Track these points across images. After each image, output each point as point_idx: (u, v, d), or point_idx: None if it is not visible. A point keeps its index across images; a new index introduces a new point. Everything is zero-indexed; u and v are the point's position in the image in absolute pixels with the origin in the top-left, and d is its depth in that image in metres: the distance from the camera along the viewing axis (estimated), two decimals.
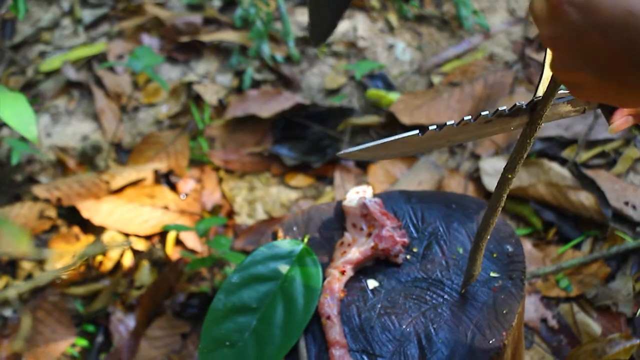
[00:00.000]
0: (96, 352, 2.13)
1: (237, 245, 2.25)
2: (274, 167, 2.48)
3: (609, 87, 0.93)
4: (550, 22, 0.94)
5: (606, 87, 0.93)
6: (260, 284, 1.39)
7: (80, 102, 2.82)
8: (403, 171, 2.34)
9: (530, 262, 2.06)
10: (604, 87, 0.93)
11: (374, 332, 1.31)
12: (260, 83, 2.72)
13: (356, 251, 1.38)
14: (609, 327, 1.93)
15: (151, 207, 2.38)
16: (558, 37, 0.94)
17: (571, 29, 0.91)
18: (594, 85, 0.94)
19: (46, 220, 2.40)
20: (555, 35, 0.94)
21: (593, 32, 0.89)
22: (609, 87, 0.93)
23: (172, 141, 2.57)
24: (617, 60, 0.88)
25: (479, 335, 1.27)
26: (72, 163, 2.59)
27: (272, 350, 1.31)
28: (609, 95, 0.95)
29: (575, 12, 0.90)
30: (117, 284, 2.24)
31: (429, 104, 2.47)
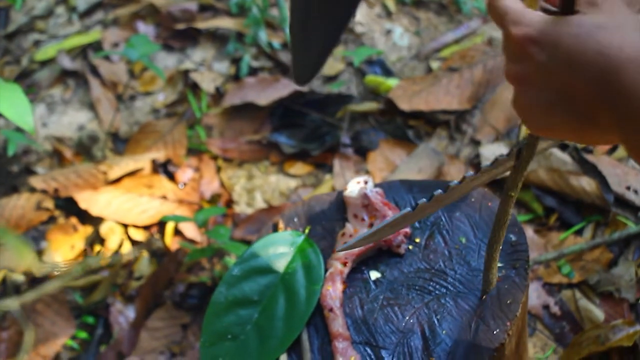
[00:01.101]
0: (96, 343, 2.12)
1: (236, 235, 2.23)
2: (272, 155, 2.46)
3: (578, 126, 0.90)
4: (515, 61, 0.92)
5: (576, 127, 0.90)
6: (261, 277, 1.38)
7: (76, 91, 2.80)
8: (403, 158, 2.33)
9: (532, 248, 2.04)
10: (574, 127, 0.90)
11: (377, 323, 1.30)
12: (258, 70, 2.70)
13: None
14: (611, 313, 1.92)
15: (149, 197, 2.37)
16: (524, 76, 0.91)
17: (537, 68, 0.89)
18: (562, 125, 0.91)
19: (43, 211, 2.38)
20: (521, 73, 0.92)
21: (560, 72, 0.87)
22: (578, 126, 0.90)
23: (169, 130, 2.56)
24: (588, 100, 0.85)
25: (482, 325, 1.26)
26: (69, 153, 2.57)
27: (274, 343, 1.30)
28: (580, 135, 0.91)
29: (541, 52, 0.88)
30: (116, 275, 2.23)
31: (428, 90, 2.45)
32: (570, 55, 0.85)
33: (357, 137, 2.43)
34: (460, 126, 2.40)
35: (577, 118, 0.88)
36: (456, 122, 2.41)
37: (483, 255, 1.35)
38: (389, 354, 1.25)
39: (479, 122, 2.38)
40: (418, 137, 2.40)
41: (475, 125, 2.38)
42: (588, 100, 0.85)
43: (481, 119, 2.38)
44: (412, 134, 2.41)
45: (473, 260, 1.35)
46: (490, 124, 2.35)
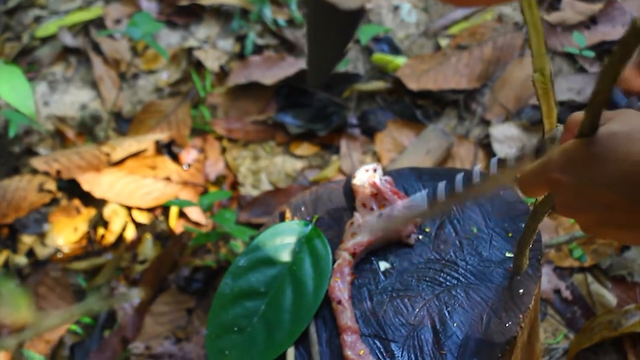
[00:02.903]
0: (100, 328, 2.10)
1: (242, 218, 2.21)
2: (278, 135, 2.43)
3: (631, 235, 0.92)
4: (557, 194, 0.95)
5: (629, 236, 0.92)
6: (268, 267, 1.35)
7: (78, 68, 2.76)
8: (411, 139, 2.29)
9: (543, 231, 2.01)
10: (629, 237, 0.93)
11: (386, 316, 1.27)
12: (263, 48, 2.65)
13: (367, 232, 1.33)
14: (624, 297, 1.90)
15: (153, 179, 2.34)
16: (567, 205, 0.94)
17: (575, 194, 0.91)
18: (618, 236, 0.94)
19: (46, 193, 2.35)
20: (564, 203, 0.94)
21: (594, 192, 0.89)
22: (631, 235, 0.92)
23: (173, 110, 2.52)
24: (627, 209, 0.87)
25: (494, 318, 1.23)
26: (71, 133, 2.54)
27: (282, 335, 1.28)
28: (637, 240, 0.94)
29: (570, 179, 0.90)
30: (120, 258, 2.21)
31: (437, 69, 2.41)
32: (595, 172, 0.88)
33: (364, 117, 2.39)
34: (470, 106, 2.36)
35: (627, 227, 0.90)
36: (465, 102, 2.37)
37: (495, 246, 1.32)
38: (399, 347, 1.23)
39: (489, 101, 2.34)
40: (426, 117, 2.37)
41: (485, 105, 2.34)
42: (627, 210, 0.87)
43: (491, 98, 2.35)
44: (421, 114, 2.37)
45: (485, 251, 1.32)
46: (501, 103, 2.31)
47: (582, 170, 0.89)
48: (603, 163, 0.87)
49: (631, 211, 0.87)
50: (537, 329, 1.44)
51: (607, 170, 0.87)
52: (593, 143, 0.88)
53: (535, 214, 1.15)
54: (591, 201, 0.90)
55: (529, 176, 0.98)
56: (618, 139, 0.87)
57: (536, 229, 1.18)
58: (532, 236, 1.20)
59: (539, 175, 0.95)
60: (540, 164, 0.95)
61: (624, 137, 0.87)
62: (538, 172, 0.96)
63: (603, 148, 0.87)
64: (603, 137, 0.88)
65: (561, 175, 0.91)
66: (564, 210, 0.95)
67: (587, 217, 0.93)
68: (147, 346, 2.00)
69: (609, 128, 0.89)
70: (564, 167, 0.91)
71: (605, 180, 0.87)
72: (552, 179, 0.92)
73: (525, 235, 1.20)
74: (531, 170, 0.97)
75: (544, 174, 0.94)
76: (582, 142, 0.90)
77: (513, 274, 1.28)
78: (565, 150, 0.92)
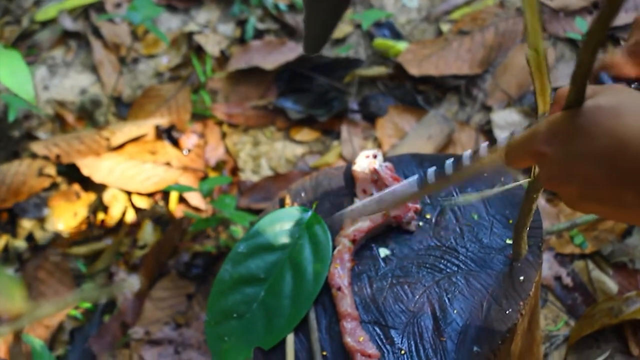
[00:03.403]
0: (100, 313, 2.10)
1: (242, 203, 2.20)
2: (278, 120, 2.42)
3: (614, 211, 0.92)
4: (541, 167, 0.95)
5: (612, 212, 0.92)
6: (268, 254, 1.34)
7: (78, 53, 2.75)
8: (412, 125, 2.28)
9: (544, 218, 2.00)
10: (611, 212, 0.93)
11: (386, 303, 1.26)
12: (264, 33, 2.64)
13: (367, 218, 1.33)
14: (625, 284, 1.89)
15: (153, 164, 2.33)
16: (552, 178, 0.94)
17: (560, 166, 0.91)
18: (601, 211, 0.94)
19: (45, 177, 2.35)
20: (548, 176, 0.94)
21: (577, 164, 0.88)
22: (614, 211, 0.92)
23: (173, 94, 2.51)
24: (610, 184, 0.87)
25: (495, 305, 1.22)
26: (71, 118, 2.53)
27: (281, 322, 1.27)
28: (620, 216, 0.94)
29: (555, 151, 0.90)
30: (119, 243, 2.20)
31: (438, 54, 2.40)
32: (580, 146, 0.87)
33: (365, 102, 2.38)
34: (471, 91, 2.35)
35: (609, 204, 0.90)
36: (467, 87, 2.36)
37: (495, 232, 1.31)
38: (399, 334, 1.22)
39: (491, 87, 2.33)
40: (428, 103, 2.36)
41: (486, 91, 2.33)
42: (610, 185, 0.87)
43: (492, 84, 2.33)
44: (422, 100, 2.36)
45: (485, 238, 1.31)
46: (502, 89, 2.30)
47: (567, 142, 0.88)
48: (588, 136, 0.86)
49: (614, 186, 0.86)
50: (537, 316, 1.43)
51: (592, 144, 0.86)
52: (578, 115, 0.88)
53: (528, 195, 1.15)
54: (575, 174, 0.89)
55: (515, 147, 0.97)
56: (604, 113, 0.86)
57: (531, 210, 1.17)
58: (527, 218, 1.19)
59: (525, 146, 0.95)
60: (526, 136, 0.95)
61: (610, 111, 0.86)
62: (524, 143, 0.95)
63: (588, 121, 0.86)
64: (589, 110, 0.87)
65: (546, 147, 0.90)
66: (548, 183, 0.94)
67: (570, 190, 0.92)
68: (146, 331, 2.00)
69: (596, 101, 0.88)
70: (549, 139, 0.90)
71: (590, 154, 0.86)
72: (538, 150, 0.92)
73: (520, 217, 1.19)
74: (517, 141, 0.97)
75: (530, 145, 0.93)
76: (568, 114, 0.89)
77: (513, 259, 1.27)
78: (550, 122, 0.91)
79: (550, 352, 1.83)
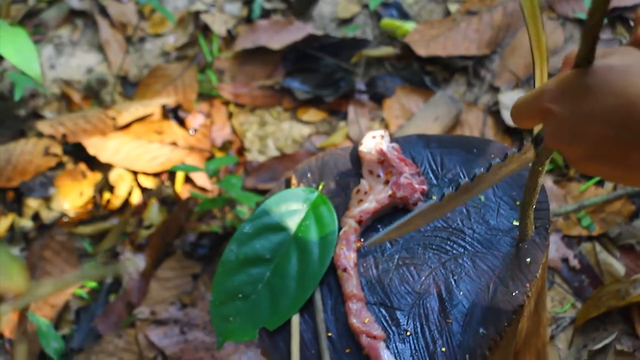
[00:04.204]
0: (105, 293, 2.10)
1: (248, 184, 2.19)
2: (285, 101, 2.41)
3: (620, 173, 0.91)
4: (548, 125, 0.94)
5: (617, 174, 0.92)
6: (273, 234, 1.33)
7: (85, 32, 2.74)
8: (419, 106, 2.27)
9: (552, 199, 2.00)
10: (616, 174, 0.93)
11: (392, 284, 1.26)
12: (270, 12, 2.63)
13: (373, 199, 1.32)
14: (632, 266, 1.89)
15: (159, 144, 2.33)
16: (558, 136, 0.93)
17: (567, 124, 0.90)
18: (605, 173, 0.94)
19: (52, 157, 2.34)
20: (555, 134, 0.93)
21: (584, 122, 0.88)
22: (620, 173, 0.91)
23: (179, 74, 2.50)
24: (617, 144, 0.87)
25: (501, 287, 1.22)
26: (77, 97, 2.53)
27: (287, 302, 1.27)
28: (625, 179, 0.93)
29: (563, 109, 0.89)
30: (125, 223, 2.20)
31: (446, 35, 2.38)
32: (588, 105, 0.86)
33: (372, 83, 2.37)
34: (479, 72, 2.34)
35: (613, 164, 0.90)
36: (474, 68, 2.35)
37: (502, 214, 1.31)
38: (404, 315, 1.22)
39: (498, 68, 2.32)
40: (435, 84, 2.34)
41: (494, 71, 2.32)
42: (616, 145, 0.87)
43: (500, 64, 2.32)
44: (429, 80, 2.35)
45: (492, 219, 1.31)
46: (510, 69, 2.29)
47: (575, 101, 0.88)
48: (597, 95, 0.86)
49: (619, 147, 0.86)
50: (544, 298, 1.43)
51: (600, 104, 0.85)
52: (588, 74, 0.87)
53: (533, 169, 1.13)
54: (581, 134, 0.88)
55: (523, 105, 0.97)
56: (614, 73, 0.86)
57: (536, 186, 1.16)
58: (533, 196, 1.18)
59: (533, 104, 0.94)
60: (535, 93, 0.94)
61: (620, 72, 0.85)
62: (532, 101, 0.94)
63: (598, 80, 0.86)
64: (599, 69, 0.87)
65: (554, 105, 0.90)
66: (553, 142, 0.94)
67: (575, 150, 0.91)
68: (152, 311, 2.00)
69: (607, 61, 0.87)
70: (558, 97, 0.90)
71: (597, 114, 0.86)
72: (545, 108, 0.91)
73: (526, 195, 1.18)
74: (525, 99, 0.96)
75: (538, 103, 0.93)
76: (578, 73, 0.88)
77: (519, 240, 1.26)
78: (560, 80, 0.90)
79: (556, 334, 1.82)
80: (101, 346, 1.98)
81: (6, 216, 2.29)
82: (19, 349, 1.93)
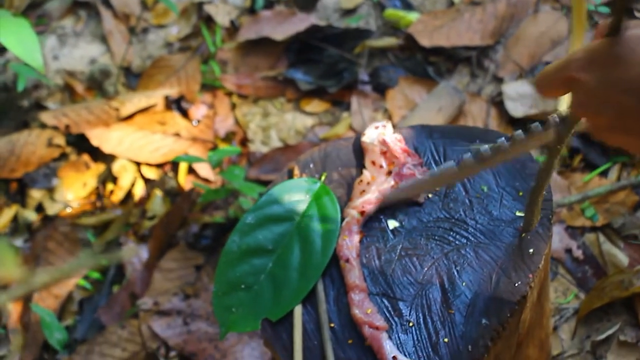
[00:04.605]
0: (109, 284, 2.10)
1: (251, 174, 2.19)
2: (288, 91, 2.41)
3: (632, 138, 0.92)
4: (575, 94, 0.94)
5: (628, 138, 0.93)
6: (276, 225, 1.33)
7: (88, 22, 2.73)
8: (422, 96, 2.27)
9: (555, 190, 1.99)
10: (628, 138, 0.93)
11: (394, 275, 1.26)
12: (274, 3, 2.62)
13: (376, 190, 1.32)
14: (636, 257, 1.88)
15: (162, 135, 2.32)
16: (583, 105, 0.93)
17: (592, 94, 0.90)
18: (628, 144, 0.94)
19: (55, 148, 2.34)
20: (581, 103, 0.93)
21: (611, 92, 0.88)
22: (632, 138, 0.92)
23: (183, 65, 2.50)
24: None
25: (504, 277, 1.22)
26: (81, 88, 2.52)
27: (289, 293, 1.27)
28: (631, 144, 0.94)
29: (590, 78, 0.89)
30: (129, 214, 2.20)
31: (450, 25, 2.37)
32: (615, 74, 0.87)
33: (375, 73, 2.36)
34: (483, 63, 2.33)
35: (637, 135, 0.90)
36: (478, 59, 2.34)
37: (505, 205, 1.30)
38: (407, 306, 1.22)
39: (502, 58, 2.31)
40: (439, 74, 2.34)
41: (498, 62, 2.31)
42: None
43: (504, 55, 2.31)
44: (433, 71, 2.34)
45: (495, 210, 1.30)
46: (514, 60, 2.28)
47: (603, 70, 0.88)
48: (624, 65, 0.86)
49: None
50: (547, 289, 1.43)
51: (628, 73, 0.86)
52: (617, 44, 0.87)
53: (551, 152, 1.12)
54: (607, 103, 0.89)
55: (550, 74, 0.97)
56: None
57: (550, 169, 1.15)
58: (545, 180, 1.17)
59: (560, 72, 0.94)
60: (562, 62, 0.94)
61: None
62: (560, 69, 0.94)
63: (627, 49, 0.86)
64: (629, 39, 0.87)
65: (582, 74, 0.90)
66: (579, 110, 0.94)
67: (600, 119, 0.92)
68: (155, 302, 2.01)
69: (636, 32, 0.88)
70: (585, 66, 0.90)
71: (624, 83, 0.86)
72: (572, 77, 0.91)
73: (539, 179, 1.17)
74: (553, 67, 0.96)
75: (565, 71, 0.93)
76: (607, 42, 0.89)
77: (523, 229, 1.26)
78: (588, 49, 0.91)
79: (560, 324, 1.82)
80: (104, 337, 1.98)
81: (9, 207, 2.29)
82: (14, 340, 1.94)
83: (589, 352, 1.76)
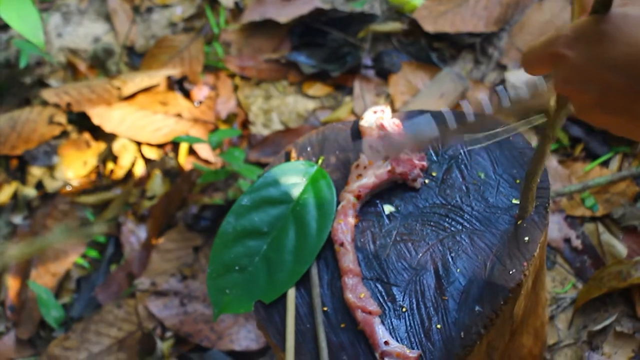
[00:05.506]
0: (107, 262, 2.11)
1: (251, 157, 2.19)
2: (291, 74, 2.40)
3: (625, 124, 0.92)
4: (558, 70, 0.93)
5: (622, 125, 0.92)
6: (271, 207, 1.33)
7: (92, 1, 2.73)
8: (425, 82, 2.26)
9: (555, 179, 1.99)
10: (621, 125, 0.93)
11: (389, 260, 1.26)
12: None
13: (372, 174, 1.31)
14: (635, 248, 1.88)
15: (164, 115, 2.32)
16: (567, 82, 0.93)
17: (577, 71, 0.90)
18: (611, 124, 0.94)
19: (56, 125, 2.34)
20: (564, 80, 0.93)
21: (597, 70, 0.88)
22: (625, 124, 0.92)
23: (186, 45, 2.49)
24: (627, 94, 0.87)
25: (498, 265, 1.22)
26: (83, 66, 2.52)
27: (283, 276, 1.27)
28: (630, 131, 0.94)
29: (576, 55, 0.89)
30: (128, 194, 2.20)
31: (455, 11, 2.36)
32: (602, 51, 0.87)
33: (378, 58, 2.35)
34: (487, 49, 2.32)
35: (621, 114, 0.89)
36: (482, 45, 2.33)
37: (502, 192, 1.30)
38: (401, 291, 1.22)
39: (506, 45, 2.30)
40: (442, 60, 2.33)
41: (502, 49, 2.30)
42: (626, 95, 0.86)
43: (508, 42, 2.30)
44: (436, 57, 2.33)
45: (491, 197, 1.30)
46: (518, 47, 2.27)
47: (590, 47, 0.88)
48: (611, 43, 0.86)
49: (627, 96, 0.87)
50: (542, 277, 1.42)
51: (614, 51, 0.86)
52: (604, 21, 0.87)
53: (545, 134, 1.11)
54: (592, 80, 0.89)
55: (536, 50, 0.96)
56: (630, 21, 0.86)
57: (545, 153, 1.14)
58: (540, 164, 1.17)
59: (546, 48, 0.94)
60: (549, 38, 0.94)
61: (636, 21, 0.86)
62: (545, 45, 0.94)
63: (614, 27, 0.86)
64: (616, 17, 0.87)
65: (568, 51, 0.90)
66: (564, 87, 0.94)
67: (585, 97, 0.92)
68: (152, 282, 2.01)
69: (624, 10, 0.88)
70: (572, 43, 0.90)
71: (610, 61, 0.86)
72: (558, 53, 0.91)
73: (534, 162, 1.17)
74: (539, 43, 0.96)
75: (551, 47, 0.93)
76: (593, 19, 0.89)
77: (519, 216, 1.26)
78: (575, 26, 0.91)
79: (557, 314, 1.82)
80: (101, 316, 1.99)
81: (9, 184, 2.29)
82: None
83: (585, 342, 1.76)
